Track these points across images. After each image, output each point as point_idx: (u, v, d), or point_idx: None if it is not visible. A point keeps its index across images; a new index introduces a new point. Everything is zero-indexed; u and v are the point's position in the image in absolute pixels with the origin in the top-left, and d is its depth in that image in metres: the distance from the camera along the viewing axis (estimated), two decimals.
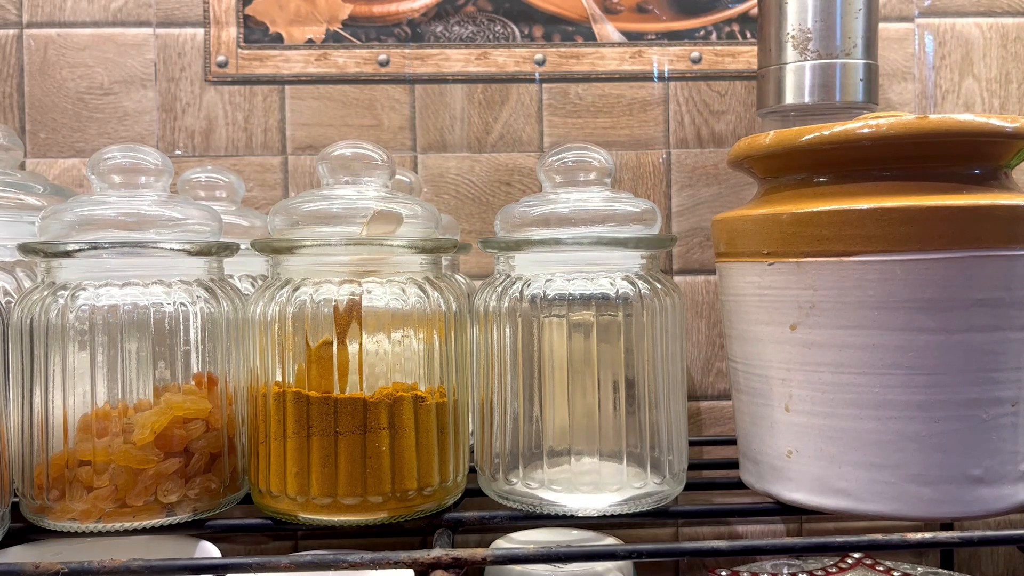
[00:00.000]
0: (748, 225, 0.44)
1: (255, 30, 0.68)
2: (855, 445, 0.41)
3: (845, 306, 0.40)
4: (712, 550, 0.40)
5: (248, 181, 0.67)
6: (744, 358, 0.45)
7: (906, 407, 0.40)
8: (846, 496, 0.41)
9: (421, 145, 0.68)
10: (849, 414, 0.41)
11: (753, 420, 0.45)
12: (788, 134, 0.42)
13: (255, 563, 0.38)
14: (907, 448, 0.40)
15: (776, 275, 0.42)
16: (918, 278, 0.39)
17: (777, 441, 0.43)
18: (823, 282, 0.41)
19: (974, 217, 0.39)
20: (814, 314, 0.41)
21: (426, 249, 0.43)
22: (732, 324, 0.46)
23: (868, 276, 0.40)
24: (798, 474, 0.43)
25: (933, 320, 0.39)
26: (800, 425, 0.42)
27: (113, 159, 0.44)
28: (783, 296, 0.42)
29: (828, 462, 0.42)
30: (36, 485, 0.42)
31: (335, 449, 0.41)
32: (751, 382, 0.45)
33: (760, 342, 0.44)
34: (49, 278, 0.43)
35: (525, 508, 0.44)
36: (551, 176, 0.46)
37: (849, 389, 0.41)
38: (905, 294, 0.39)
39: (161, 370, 0.43)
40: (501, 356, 0.45)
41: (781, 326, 0.42)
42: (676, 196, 0.69)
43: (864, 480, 0.41)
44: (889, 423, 0.40)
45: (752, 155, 0.44)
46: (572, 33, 0.69)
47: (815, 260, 0.41)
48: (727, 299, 0.47)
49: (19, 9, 0.67)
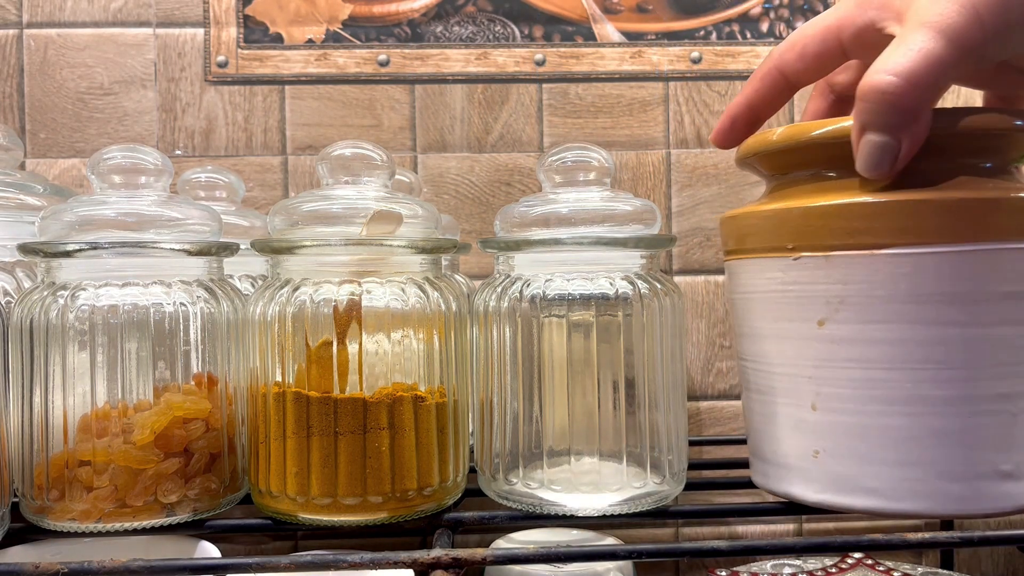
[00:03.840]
0: (764, 221, 0.43)
1: (255, 30, 0.68)
2: (885, 443, 0.40)
3: (875, 300, 0.40)
4: (712, 550, 0.40)
5: (248, 181, 0.67)
6: (760, 356, 0.44)
7: (937, 402, 0.39)
8: (876, 495, 0.40)
9: (421, 145, 0.68)
10: (879, 411, 0.40)
11: (770, 420, 0.44)
12: (798, 129, 0.42)
13: (255, 563, 0.38)
14: (938, 444, 0.39)
15: (802, 270, 0.41)
16: (950, 271, 0.38)
17: (801, 441, 0.42)
18: (853, 276, 0.40)
19: (1004, 209, 0.38)
20: (843, 309, 0.40)
21: (426, 249, 0.43)
22: (745, 322, 0.46)
23: (900, 269, 0.39)
24: (824, 474, 0.42)
25: (964, 314, 0.39)
26: (828, 423, 0.41)
27: (113, 159, 0.44)
28: (809, 291, 0.41)
29: (857, 461, 0.41)
30: (36, 485, 0.42)
31: (335, 449, 0.41)
32: (769, 381, 0.44)
33: (782, 339, 0.43)
34: (49, 278, 0.43)
35: (525, 508, 0.44)
36: (551, 176, 0.46)
37: (879, 385, 0.40)
38: (936, 287, 0.39)
39: (161, 370, 0.43)
40: (501, 356, 0.45)
41: (807, 322, 0.41)
42: (676, 196, 0.69)
43: (895, 478, 0.40)
44: (920, 419, 0.39)
45: (761, 152, 0.44)
46: (572, 33, 0.69)
47: (845, 254, 0.40)
48: (738, 297, 0.46)
49: (19, 9, 0.67)
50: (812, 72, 0.44)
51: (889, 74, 0.37)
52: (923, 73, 0.36)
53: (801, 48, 0.44)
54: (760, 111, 0.46)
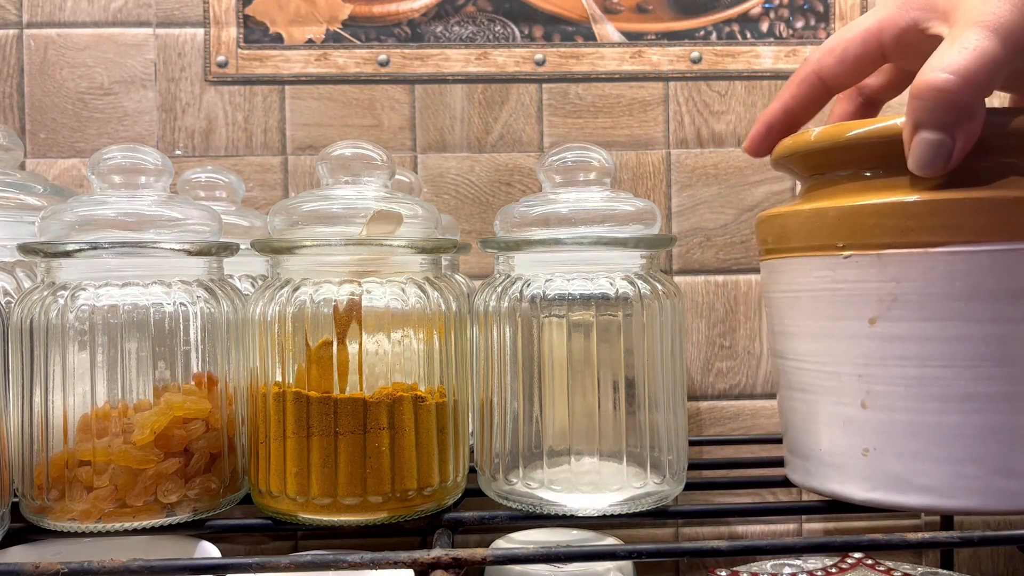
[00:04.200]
0: (808, 219, 0.43)
1: (255, 30, 0.68)
2: (939, 440, 0.40)
3: (930, 298, 0.40)
4: (712, 550, 0.40)
5: (248, 181, 0.67)
6: (805, 355, 0.44)
7: (992, 399, 0.39)
8: (929, 493, 0.40)
9: (421, 145, 0.68)
10: (933, 408, 0.40)
11: (814, 419, 0.44)
12: (836, 129, 0.42)
13: (255, 563, 0.38)
14: (993, 441, 0.39)
15: (853, 268, 0.41)
16: (1007, 268, 0.39)
17: (850, 439, 0.42)
18: (907, 274, 0.40)
19: None
20: (896, 307, 0.40)
21: (426, 249, 0.43)
22: (785, 320, 0.45)
23: (955, 267, 0.39)
24: (875, 472, 0.42)
25: (1020, 311, 0.39)
26: (879, 422, 0.41)
27: (113, 159, 0.44)
28: (861, 290, 0.41)
29: (911, 459, 0.40)
30: (36, 485, 0.42)
31: (335, 449, 0.41)
32: (815, 379, 0.44)
33: (828, 338, 0.43)
34: (49, 278, 0.43)
35: (525, 508, 0.44)
36: (551, 176, 0.46)
37: (933, 383, 0.40)
38: (992, 284, 0.39)
39: (161, 370, 0.43)
40: (501, 356, 0.45)
41: (857, 320, 0.41)
42: (676, 196, 0.69)
43: (949, 475, 0.40)
44: (975, 416, 0.39)
45: (799, 152, 0.44)
46: (572, 33, 0.69)
47: (898, 252, 0.40)
48: (779, 295, 0.46)
49: (19, 9, 0.67)
50: (851, 76, 0.44)
51: (945, 72, 0.37)
52: (978, 71, 0.37)
53: (841, 52, 0.44)
54: (797, 117, 0.46)
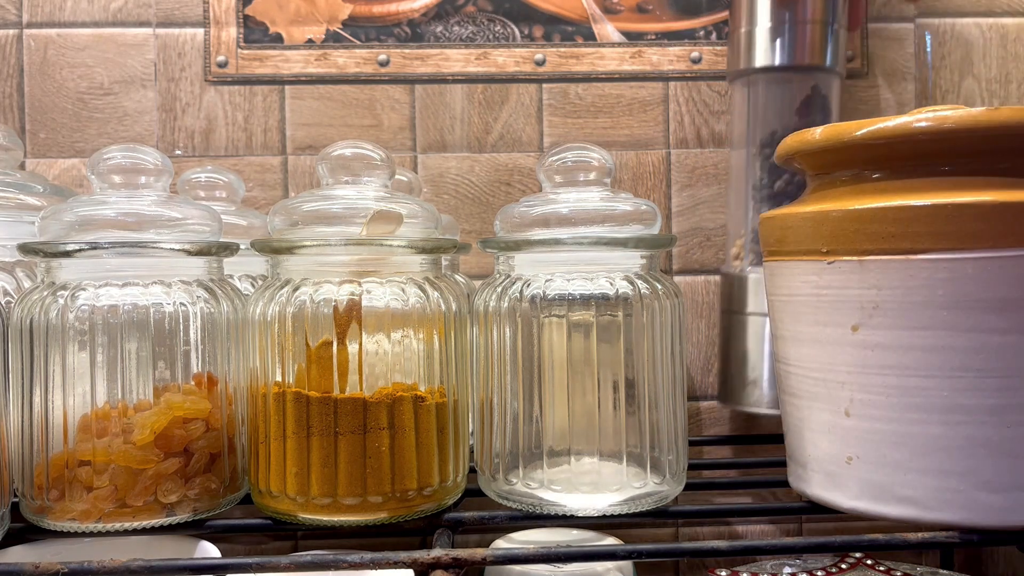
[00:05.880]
0: (801, 222, 0.42)
1: (255, 30, 0.68)
2: (922, 451, 0.39)
3: (912, 306, 0.39)
4: (712, 550, 0.40)
5: (248, 181, 0.67)
6: (797, 360, 0.44)
7: (976, 411, 0.38)
8: (911, 504, 0.40)
9: (421, 145, 0.68)
10: (915, 419, 0.39)
11: (805, 424, 0.44)
12: (839, 128, 0.41)
13: (255, 563, 0.38)
14: (977, 454, 0.38)
15: (836, 274, 0.41)
16: (990, 277, 0.38)
17: (835, 446, 0.42)
18: (888, 281, 0.39)
19: None
20: (878, 315, 0.40)
21: (426, 249, 0.43)
22: (783, 325, 0.45)
23: (937, 275, 0.38)
24: (858, 481, 0.41)
25: (1005, 320, 0.38)
26: (862, 430, 0.41)
27: (113, 159, 0.44)
28: (844, 296, 0.41)
29: (892, 469, 0.40)
30: (36, 485, 0.42)
31: (335, 449, 0.41)
32: (805, 385, 0.43)
33: (817, 344, 0.42)
34: (49, 278, 0.43)
35: (525, 508, 0.44)
36: (551, 176, 0.46)
37: (916, 393, 0.39)
38: (976, 293, 0.38)
39: (161, 370, 0.43)
40: (501, 356, 0.45)
41: (841, 327, 0.41)
42: (676, 196, 0.69)
43: (931, 488, 0.39)
44: (958, 428, 0.39)
45: (801, 151, 0.43)
46: (572, 33, 0.69)
47: (879, 258, 0.39)
48: (777, 299, 0.45)
49: (19, 9, 0.67)
50: None
51: None
52: None
53: None
54: None
